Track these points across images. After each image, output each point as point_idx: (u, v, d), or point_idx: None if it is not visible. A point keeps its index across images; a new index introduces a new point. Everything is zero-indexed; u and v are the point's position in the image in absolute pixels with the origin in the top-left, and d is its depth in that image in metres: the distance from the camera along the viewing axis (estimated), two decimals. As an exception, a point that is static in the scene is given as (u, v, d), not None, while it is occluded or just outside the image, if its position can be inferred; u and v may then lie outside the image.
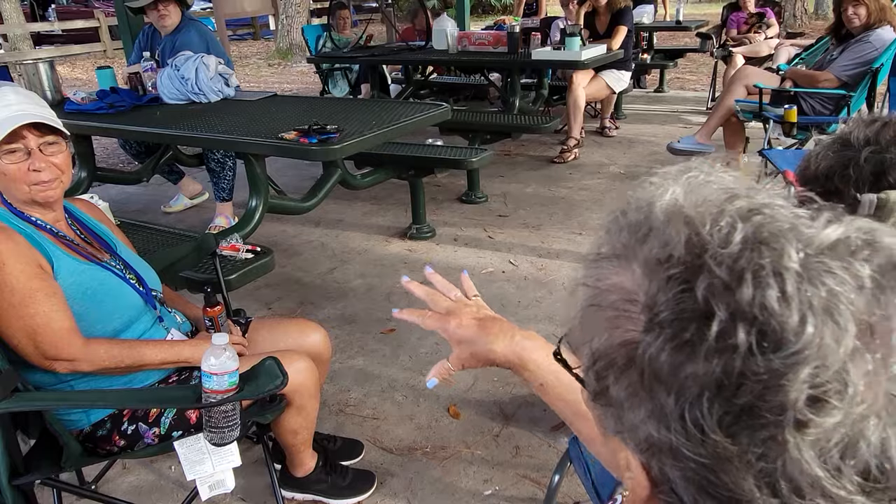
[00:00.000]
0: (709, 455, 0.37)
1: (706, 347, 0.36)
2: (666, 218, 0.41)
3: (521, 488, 1.93)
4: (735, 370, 0.36)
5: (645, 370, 0.39)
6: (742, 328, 0.36)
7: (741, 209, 0.40)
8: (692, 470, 0.39)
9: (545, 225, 3.80)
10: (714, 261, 0.38)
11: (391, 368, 2.54)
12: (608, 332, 0.42)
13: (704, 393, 0.37)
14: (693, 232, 0.39)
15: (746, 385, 0.36)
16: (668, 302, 0.38)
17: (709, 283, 0.37)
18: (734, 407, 0.36)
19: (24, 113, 1.45)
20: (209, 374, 1.33)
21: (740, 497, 0.37)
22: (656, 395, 0.39)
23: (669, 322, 0.38)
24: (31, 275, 1.41)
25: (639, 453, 0.42)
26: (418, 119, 2.78)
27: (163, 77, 3.34)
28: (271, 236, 3.78)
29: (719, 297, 0.37)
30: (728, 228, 0.39)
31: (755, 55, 5.79)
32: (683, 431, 0.38)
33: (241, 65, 11.42)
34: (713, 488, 0.38)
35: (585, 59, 4.36)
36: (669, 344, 0.38)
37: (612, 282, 0.43)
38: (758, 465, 0.36)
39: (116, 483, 2.02)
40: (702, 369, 0.37)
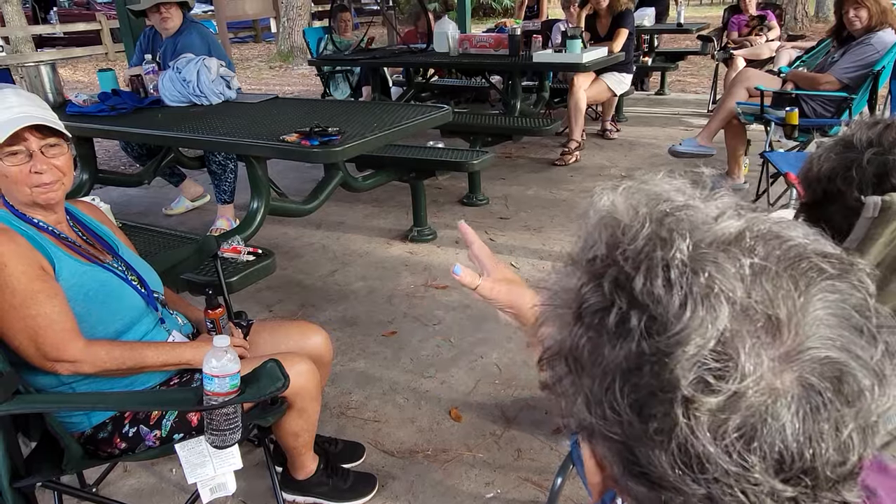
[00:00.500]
0: (624, 434, 0.40)
1: (609, 335, 0.40)
2: (595, 222, 0.45)
3: (522, 491, 1.92)
4: (633, 354, 0.39)
5: (572, 358, 0.43)
6: (635, 315, 0.40)
7: (656, 211, 0.43)
8: (616, 450, 0.42)
9: (546, 227, 3.80)
10: (622, 256, 0.42)
11: (392, 371, 2.53)
12: (557, 329, 0.46)
13: (616, 377, 0.40)
14: (611, 233, 0.44)
15: (644, 367, 0.39)
16: (586, 295, 0.43)
17: (614, 277, 0.41)
18: (638, 388, 0.39)
19: (25, 115, 1.45)
20: (210, 376, 1.33)
21: (655, 476, 0.40)
22: (583, 382, 0.43)
23: (588, 313, 0.42)
24: (32, 276, 1.41)
25: (583, 440, 0.46)
26: (419, 121, 2.78)
27: (164, 79, 3.35)
28: (272, 238, 3.78)
29: (620, 288, 0.41)
30: (637, 227, 0.42)
31: (756, 58, 5.79)
32: (602, 413, 0.41)
33: (243, 67, 11.43)
34: (634, 467, 0.41)
35: (586, 62, 4.36)
36: (586, 332, 0.42)
37: (563, 284, 0.46)
38: (662, 442, 0.39)
39: (117, 486, 2.01)
40: (610, 355, 0.40)
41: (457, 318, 2.87)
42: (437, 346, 2.67)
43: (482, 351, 2.62)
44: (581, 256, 0.45)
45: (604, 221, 0.45)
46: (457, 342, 2.70)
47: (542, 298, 0.48)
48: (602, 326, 0.41)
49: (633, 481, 0.42)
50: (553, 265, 0.51)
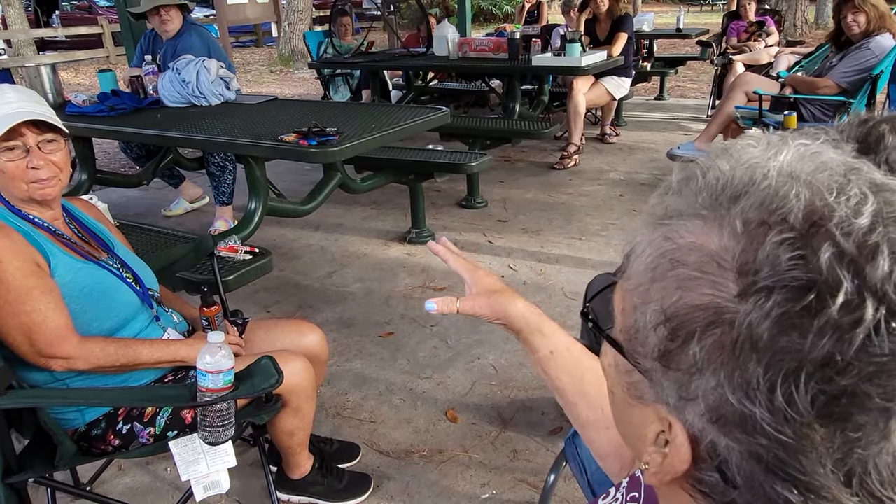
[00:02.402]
0: (791, 434, 0.35)
1: (824, 320, 0.34)
2: (781, 180, 0.38)
3: (518, 492, 1.91)
4: (851, 348, 0.33)
5: (740, 336, 0.36)
6: (871, 303, 0.33)
7: (869, 181, 0.37)
8: (763, 447, 0.36)
9: (545, 230, 3.80)
10: (840, 231, 0.35)
11: (389, 372, 2.53)
12: (682, 293, 0.39)
13: (805, 367, 0.34)
14: (818, 197, 0.36)
15: (857, 365, 0.33)
16: (777, 267, 0.35)
17: (835, 252, 0.34)
18: (834, 387, 0.34)
19: (23, 110, 1.46)
20: (204, 372, 1.32)
21: (811, 483, 0.36)
22: (745, 364, 0.36)
23: (780, 289, 0.35)
24: (27, 272, 1.41)
25: (697, 423, 0.40)
26: (418, 122, 2.78)
27: (164, 80, 3.35)
28: (271, 240, 3.78)
29: (847, 268, 0.34)
30: (858, 199, 0.36)
31: (755, 63, 5.80)
32: (769, 405, 0.35)
33: (244, 71, 11.46)
34: (782, 468, 0.36)
35: (585, 66, 4.37)
36: (777, 311, 0.35)
37: (690, 241, 0.39)
38: (843, 450, 0.34)
39: (112, 484, 2.01)
40: (809, 342, 0.34)
41: (454, 320, 2.86)
42: (434, 348, 2.67)
43: (479, 352, 2.62)
44: (738, 216, 0.38)
45: (796, 181, 0.37)
46: (454, 343, 2.69)
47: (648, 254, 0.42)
48: (810, 309, 0.34)
49: (777, 484, 0.37)
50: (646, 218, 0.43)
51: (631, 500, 0.72)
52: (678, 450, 0.41)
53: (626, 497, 0.74)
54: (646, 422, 0.44)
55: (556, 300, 2.99)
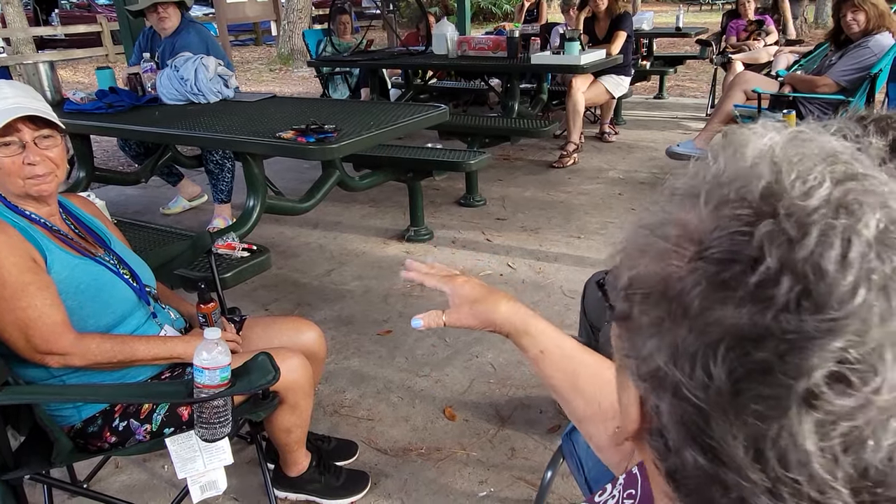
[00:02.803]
0: (707, 400, 0.36)
1: (742, 292, 0.35)
2: (753, 161, 0.39)
3: (516, 490, 1.91)
4: (764, 322, 0.34)
5: (674, 302, 0.38)
6: (787, 281, 0.34)
7: (836, 171, 0.37)
8: (687, 413, 0.38)
9: (543, 228, 3.80)
10: (785, 210, 0.36)
11: (387, 370, 2.52)
12: (654, 263, 0.40)
13: (725, 338, 0.35)
14: (775, 179, 0.37)
15: (769, 341, 0.34)
16: (720, 239, 0.37)
17: (771, 231, 0.35)
18: (749, 360, 0.34)
19: (19, 106, 1.45)
20: (201, 368, 1.32)
21: (723, 453, 0.36)
22: (677, 330, 0.37)
23: (715, 260, 0.36)
24: (23, 268, 1.41)
25: (641, 384, 0.42)
26: (416, 120, 2.78)
27: (162, 77, 3.35)
28: (269, 238, 3.77)
29: (776, 245, 0.35)
30: (813, 184, 0.36)
31: (754, 62, 5.79)
32: (690, 371, 0.37)
33: (243, 70, 11.45)
34: (700, 436, 0.37)
35: (584, 64, 4.36)
36: (707, 280, 0.36)
37: (676, 217, 0.41)
38: (752, 424, 0.35)
39: (109, 482, 2.00)
40: (730, 314, 0.35)
41: (452, 318, 2.85)
42: (433, 346, 2.66)
43: (477, 350, 2.61)
44: (715, 192, 0.39)
45: (763, 163, 0.38)
46: (452, 342, 2.69)
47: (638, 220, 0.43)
48: (733, 280, 0.35)
49: (694, 450, 0.38)
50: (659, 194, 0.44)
51: (628, 496, 0.72)
52: (628, 410, 0.44)
53: (623, 494, 0.73)
54: (623, 388, 0.46)
55: (555, 298, 2.99)
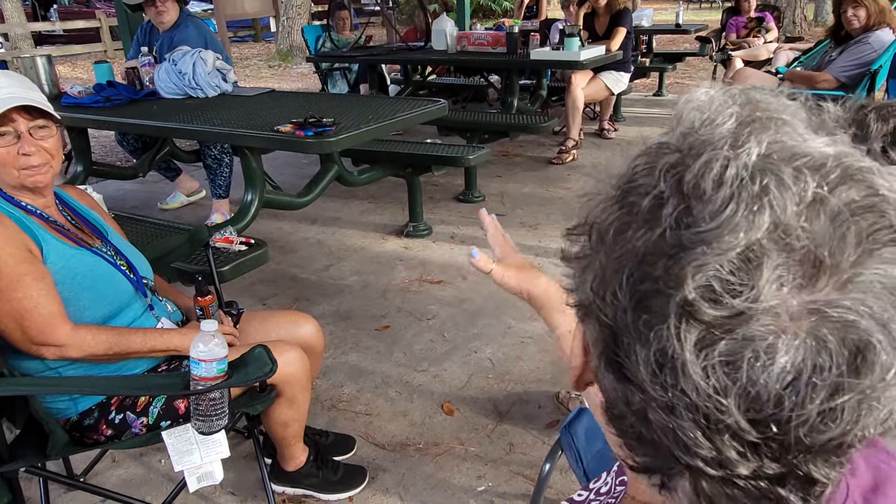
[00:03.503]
0: (615, 319, 0.39)
1: (640, 217, 0.38)
2: (684, 110, 0.42)
3: (514, 485, 1.90)
4: (654, 241, 0.37)
5: (595, 232, 0.42)
6: (672, 202, 0.37)
7: (743, 113, 0.40)
8: (603, 336, 0.41)
9: (542, 224, 3.79)
10: (688, 145, 0.39)
11: (385, 365, 2.52)
12: (590, 208, 0.44)
13: (629, 261, 0.38)
14: (692, 121, 0.41)
15: (659, 258, 0.37)
16: (636, 175, 0.41)
17: (670, 162, 0.39)
18: (645, 278, 0.37)
19: (13, 96, 1.44)
20: (197, 360, 1.31)
21: (629, 371, 0.39)
22: (598, 258, 0.41)
23: (628, 192, 0.40)
24: (19, 258, 1.40)
25: (578, 318, 0.46)
26: (415, 114, 2.77)
27: (160, 71, 3.33)
28: (268, 233, 3.76)
29: (671, 174, 0.38)
30: (720, 122, 0.40)
31: (754, 59, 5.79)
32: (604, 294, 0.40)
33: (242, 66, 11.43)
34: (613, 357, 0.40)
35: (584, 60, 4.35)
36: (619, 211, 0.40)
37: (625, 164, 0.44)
38: (646, 339, 0.37)
39: (105, 476, 1.99)
40: (633, 238, 0.39)
41: (451, 313, 2.85)
42: (431, 341, 2.66)
43: (476, 346, 2.61)
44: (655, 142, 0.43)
45: (691, 109, 0.42)
46: (450, 337, 2.68)
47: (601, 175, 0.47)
48: (636, 207, 0.39)
49: (607, 368, 0.41)
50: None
51: (620, 483, 0.72)
52: (574, 344, 0.48)
53: (616, 481, 0.73)
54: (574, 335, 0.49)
55: (554, 294, 2.97)
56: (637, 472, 0.43)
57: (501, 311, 2.85)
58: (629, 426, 0.41)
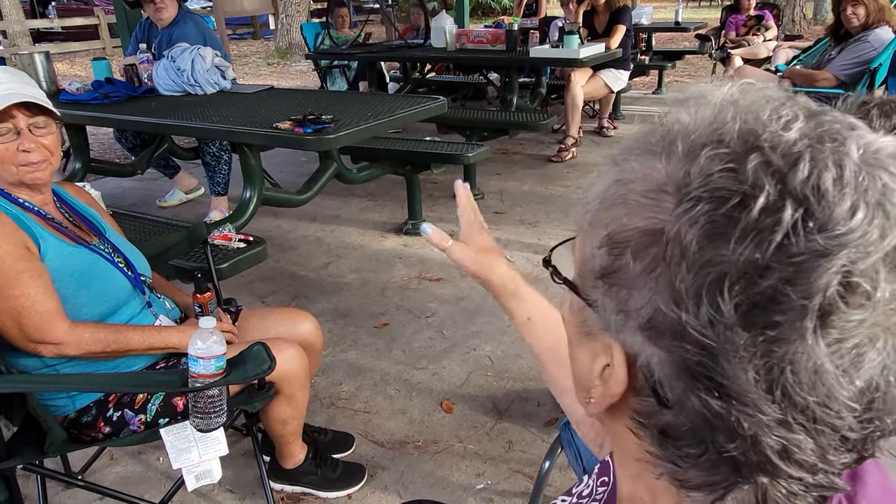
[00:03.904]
0: (716, 337, 0.36)
1: (745, 223, 0.35)
2: (719, 108, 0.40)
3: (513, 482, 1.90)
4: (770, 249, 0.35)
5: (669, 246, 0.38)
6: (790, 205, 0.35)
7: (802, 107, 0.39)
8: (691, 353, 0.37)
9: (542, 222, 3.78)
10: (769, 144, 0.37)
11: (384, 362, 2.51)
12: (626, 217, 0.41)
13: (729, 273, 0.35)
14: (752, 117, 0.38)
15: (777, 267, 0.34)
16: (708, 178, 0.37)
17: (760, 162, 0.36)
18: (756, 290, 0.35)
19: (12, 92, 1.43)
20: (196, 357, 1.31)
21: (732, 388, 0.36)
22: (675, 272, 0.37)
23: (707, 197, 0.36)
24: (17, 256, 1.39)
25: (631, 339, 0.41)
26: (415, 111, 2.76)
27: (159, 68, 3.32)
28: (266, 231, 3.75)
29: (770, 175, 0.36)
30: (789, 118, 0.38)
31: (753, 57, 5.78)
32: (696, 310, 0.36)
33: (241, 63, 11.41)
34: (706, 374, 0.37)
35: (583, 57, 4.35)
36: (703, 218, 0.36)
37: (640, 173, 0.41)
38: (764, 353, 0.35)
39: (103, 473, 1.99)
40: (732, 247, 0.35)
41: (450, 311, 2.85)
42: (430, 338, 2.65)
43: (475, 343, 2.60)
44: (684, 146, 0.40)
45: (729, 108, 0.39)
46: (449, 334, 2.68)
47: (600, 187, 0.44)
48: (730, 216, 0.35)
49: (701, 394, 0.37)
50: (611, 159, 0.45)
51: (601, 484, 0.72)
52: (615, 371, 0.43)
53: (597, 482, 0.73)
54: (594, 356, 0.45)
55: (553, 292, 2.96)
56: (685, 488, 0.42)
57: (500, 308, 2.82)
58: (698, 453, 0.40)
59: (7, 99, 1.41)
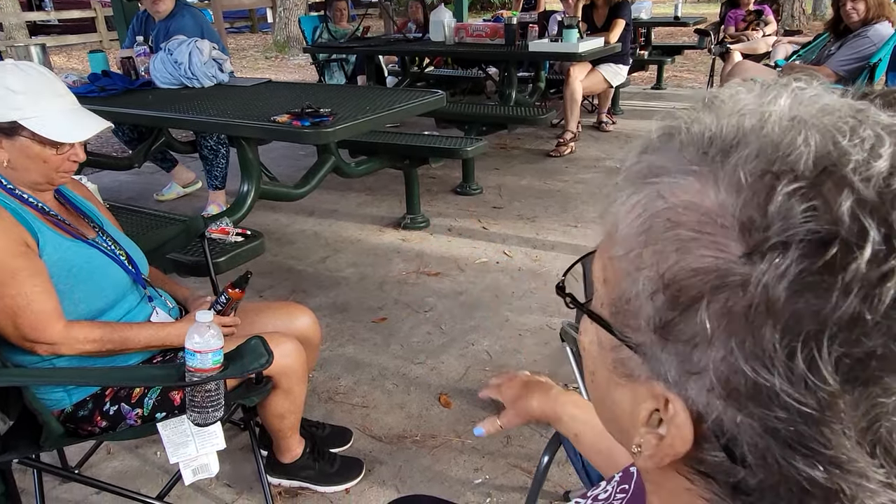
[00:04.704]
0: (814, 404, 0.32)
1: (850, 275, 0.31)
2: (784, 125, 0.34)
3: (511, 477, 1.90)
4: (882, 304, 0.30)
5: (754, 300, 0.32)
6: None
7: (881, 123, 0.34)
8: (781, 420, 0.33)
9: (540, 217, 3.78)
10: (859, 176, 0.32)
11: (382, 357, 2.51)
12: (679, 255, 0.35)
13: (828, 330, 0.31)
14: (829, 141, 0.33)
15: (886, 323, 0.30)
16: (791, 220, 0.32)
17: (856, 200, 0.31)
18: (862, 349, 0.31)
19: (78, 108, 1.53)
20: (193, 352, 1.30)
21: (834, 454, 0.33)
22: (759, 330, 0.32)
23: (797, 244, 0.31)
24: (15, 253, 1.38)
25: (701, 399, 0.36)
26: (413, 105, 2.75)
27: (156, 61, 3.31)
28: (264, 224, 3.75)
29: (871, 216, 0.31)
30: (873, 141, 0.33)
31: (753, 52, 5.76)
32: (789, 373, 0.32)
33: (239, 57, 11.36)
34: (802, 442, 0.33)
35: (582, 52, 4.33)
36: (795, 269, 0.31)
37: (684, 199, 0.36)
38: (869, 418, 0.32)
39: (100, 468, 1.98)
40: (834, 302, 0.31)
41: (448, 306, 2.84)
42: (428, 333, 2.65)
43: (473, 338, 2.60)
44: (734, 169, 0.34)
45: (802, 126, 0.34)
46: (447, 329, 2.67)
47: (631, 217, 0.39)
48: (830, 265, 0.31)
49: (800, 463, 0.34)
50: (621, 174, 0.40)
51: (621, 491, 0.71)
52: (679, 429, 0.38)
53: (617, 489, 0.72)
54: (636, 401, 0.40)
55: (552, 287, 2.97)
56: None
57: (499, 303, 2.84)
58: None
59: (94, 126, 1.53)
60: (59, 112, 1.47)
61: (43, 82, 1.47)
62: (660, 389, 0.38)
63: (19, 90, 1.41)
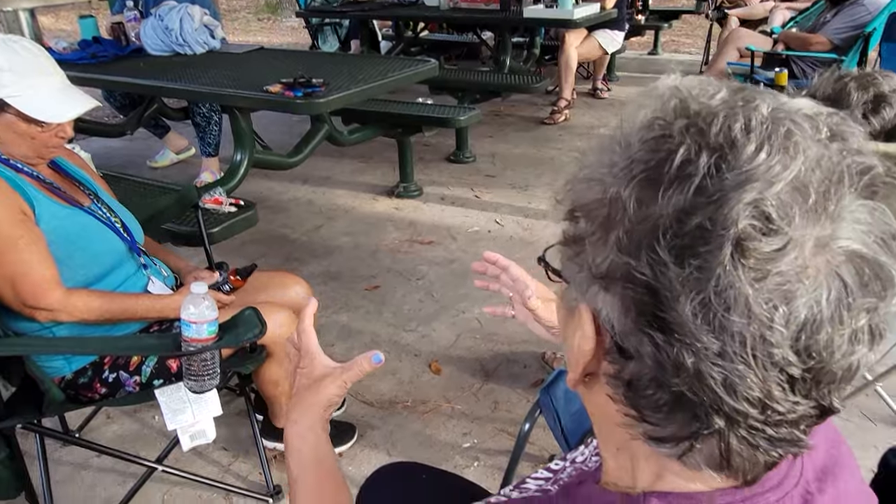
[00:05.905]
0: (655, 276, 0.40)
1: (668, 177, 0.41)
2: (662, 94, 0.45)
3: (498, 441, 1.97)
4: (691, 192, 0.40)
5: (613, 205, 0.43)
6: (706, 154, 0.40)
7: (730, 85, 0.45)
8: (638, 295, 0.42)
9: (532, 185, 3.80)
10: (695, 110, 0.43)
11: (375, 324, 2.56)
12: (587, 192, 0.46)
13: (661, 221, 0.40)
14: (688, 95, 0.44)
15: (699, 208, 0.39)
16: (643, 146, 0.43)
17: (685, 124, 0.42)
18: (685, 230, 0.39)
19: (68, 86, 1.54)
20: (188, 322, 1.33)
21: (672, 322, 0.40)
22: (621, 226, 0.42)
23: (641, 162, 0.42)
24: (13, 221, 1.41)
25: (592, 294, 0.46)
26: (406, 74, 2.75)
27: (146, 27, 3.28)
28: (258, 193, 3.76)
29: (692, 134, 0.41)
30: (714, 92, 0.44)
31: (750, 18, 5.72)
32: (637, 255, 0.41)
33: (230, 19, 11.17)
34: (653, 314, 0.41)
35: (578, 18, 4.30)
36: (637, 179, 0.42)
37: (600, 160, 0.46)
38: (696, 284, 0.39)
39: (100, 432, 2.04)
40: (663, 198, 0.40)
41: (440, 274, 2.89)
42: (420, 301, 2.70)
43: (464, 306, 2.65)
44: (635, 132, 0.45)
45: (671, 92, 0.45)
46: (439, 297, 2.72)
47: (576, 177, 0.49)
48: (660, 170, 0.41)
49: (647, 330, 0.42)
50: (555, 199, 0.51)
51: (596, 455, 0.76)
52: (584, 328, 0.47)
53: (593, 452, 0.77)
54: (575, 329, 0.49)
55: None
56: (658, 442, 0.45)
57: (490, 272, 2.88)
58: (660, 398, 0.43)
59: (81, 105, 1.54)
60: (46, 91, 1.48)
61: (31, 60, 1.47)
62: (581, 307, 0.47)
63: (5, 67, 1.42)
